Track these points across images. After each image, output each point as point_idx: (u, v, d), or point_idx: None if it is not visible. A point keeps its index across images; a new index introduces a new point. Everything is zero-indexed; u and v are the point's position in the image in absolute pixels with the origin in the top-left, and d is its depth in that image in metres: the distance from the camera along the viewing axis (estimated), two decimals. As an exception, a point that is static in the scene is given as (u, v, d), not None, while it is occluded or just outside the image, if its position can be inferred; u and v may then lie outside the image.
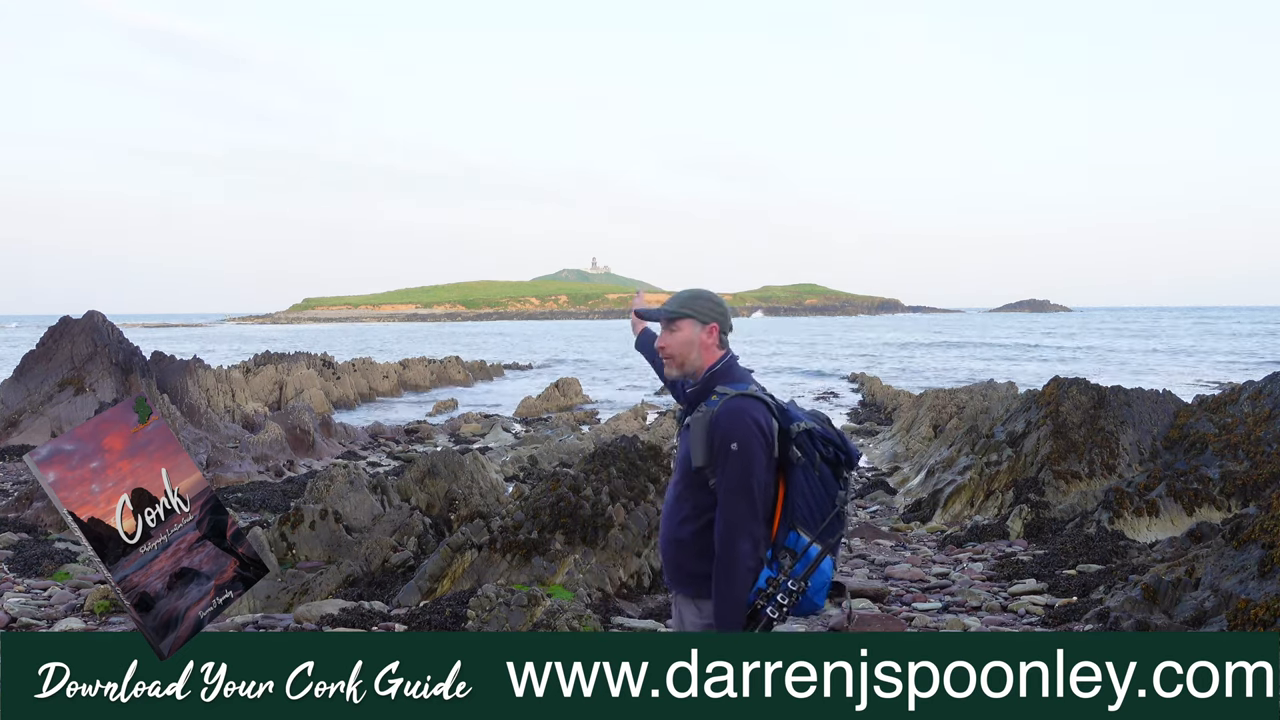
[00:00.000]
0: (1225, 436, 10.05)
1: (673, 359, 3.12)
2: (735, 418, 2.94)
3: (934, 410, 16.82)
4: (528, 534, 7.36)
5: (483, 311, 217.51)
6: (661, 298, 3.49)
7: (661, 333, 3.15)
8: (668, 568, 3.16)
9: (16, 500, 11.79)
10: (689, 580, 3.08)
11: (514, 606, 6.25)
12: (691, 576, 3.07)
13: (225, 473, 14.48)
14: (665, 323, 3.14)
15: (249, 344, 75.62)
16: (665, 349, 3.12)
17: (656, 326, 3.45)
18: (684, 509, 3.07)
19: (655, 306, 3.25)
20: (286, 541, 8.31)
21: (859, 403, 28.57)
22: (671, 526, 3.11)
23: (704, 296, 3.16)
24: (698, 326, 3.10)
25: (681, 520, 3.07)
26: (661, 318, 3.14)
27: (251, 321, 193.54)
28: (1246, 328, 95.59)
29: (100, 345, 18.74)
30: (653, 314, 3.21)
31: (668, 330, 3.13)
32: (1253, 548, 5.59)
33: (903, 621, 6.61)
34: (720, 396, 3.00)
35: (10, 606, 7.56)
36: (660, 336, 3.15)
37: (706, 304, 3.13)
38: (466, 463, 10.21)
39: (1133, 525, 9.08)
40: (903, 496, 12.65)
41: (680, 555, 3.09)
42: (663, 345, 3.13)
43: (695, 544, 3.05)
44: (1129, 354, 56.65)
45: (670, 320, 3.12)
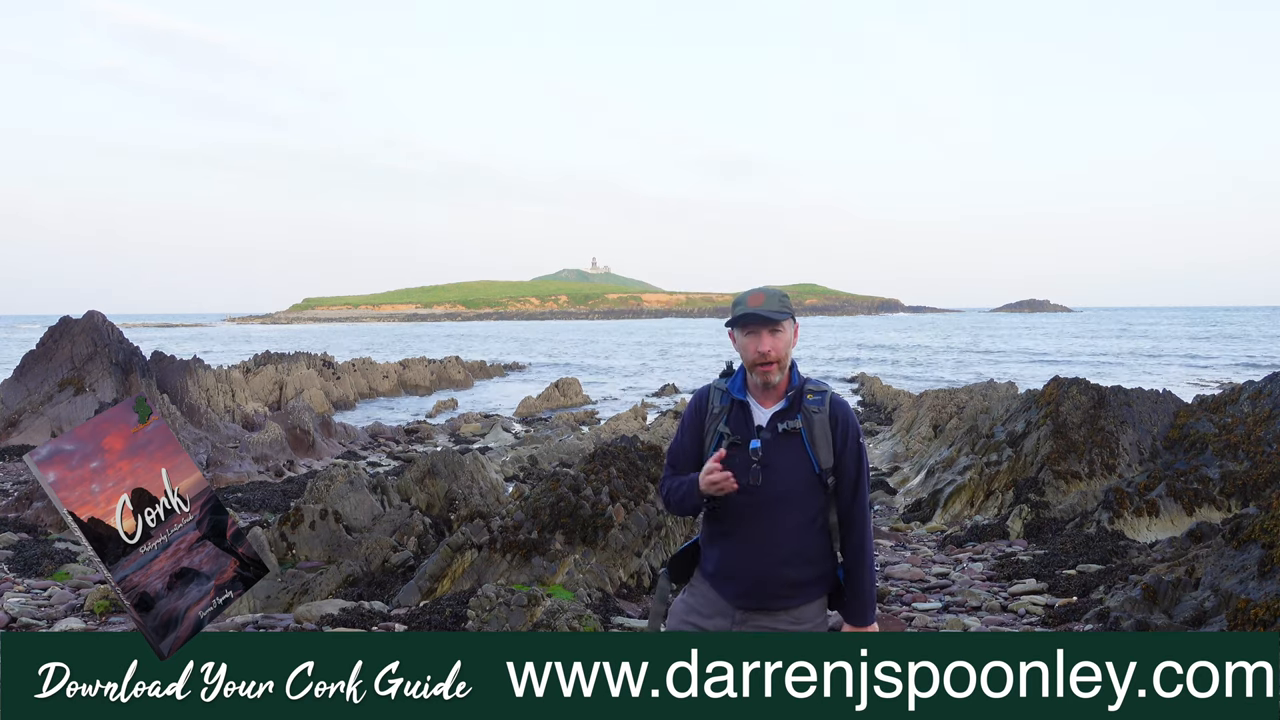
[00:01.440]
0: (1225, 436, 10.05)
1: (779, 363, 2.94)
2: (849, 411, 3.00)
3: (934, 410, 16.82)
4: (528, 534, 7.36)
5: (483, 311, 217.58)
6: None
7: (763, 336, 2.92)
8: (771, 584, 2.95)
9: (16, 500, 11.79)
10: (793, 589, 2.98)
11: (514, 606, 6.25)
12: (798, 584, 2.98)
13: (225, 473, 14.48)
14: (770, 327, 2.92)
15: (249, 344, 75.61)
16: (772, 353, 2.92)
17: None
18: (804, 517, 2.95)
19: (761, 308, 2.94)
20: (286, 541, 8.31)
21: (859, 403, 28.56)
22: (795, 539, 2.94)
23: (786, 295, 3.05)
24: (792, 326, 3.00)
25: (803, 532, 2.95)
26: (767, 322, 2.92)
27: (251, 321, 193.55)
28: (1246, 329, 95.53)
29: (100, 345, 18.74)
30: (768, 316, 2.91)
31: (770, 333, 2.92)
32: (1253, 548, 5.59)
33: (903, 621, 6.61)
34: (819, 394, 2.97)
35: (10, 606, 7.56)
36: (763, 339, 2.92)
37: (790, 303, 3.02)
38: (466, 463, 10.21)
39: (1133, 525, 9.08)
40: (903, 496, 12.64)
41: (798, 570, 2.96)
42: (769, 349, 2.92)
43: (814, 551, 2.99)
44: (1129, 354, 56.64)
45: (775, 322, 2.93)
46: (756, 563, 2.94)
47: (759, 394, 3.01)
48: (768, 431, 2.95)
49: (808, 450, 2.93)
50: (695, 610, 3.05)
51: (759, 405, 3.00)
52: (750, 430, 2.96)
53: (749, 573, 2.95)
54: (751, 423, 2.97)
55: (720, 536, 2.99)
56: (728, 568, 2.98)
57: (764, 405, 3.00)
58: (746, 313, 2.93)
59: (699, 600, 3.05)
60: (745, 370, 3.03)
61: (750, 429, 2.97)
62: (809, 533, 2.96)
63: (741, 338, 2.98)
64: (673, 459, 3.13)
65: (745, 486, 2.91)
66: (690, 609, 3.06)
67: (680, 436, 3.11)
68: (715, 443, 2.99)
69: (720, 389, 3.05)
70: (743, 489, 2.90)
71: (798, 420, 2.93)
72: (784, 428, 2.93)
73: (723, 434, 2.97)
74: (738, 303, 2.99)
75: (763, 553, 2.94)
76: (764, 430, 2.95)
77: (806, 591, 3.00)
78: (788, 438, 2.93)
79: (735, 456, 2.93)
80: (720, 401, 3.03)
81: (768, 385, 2.97)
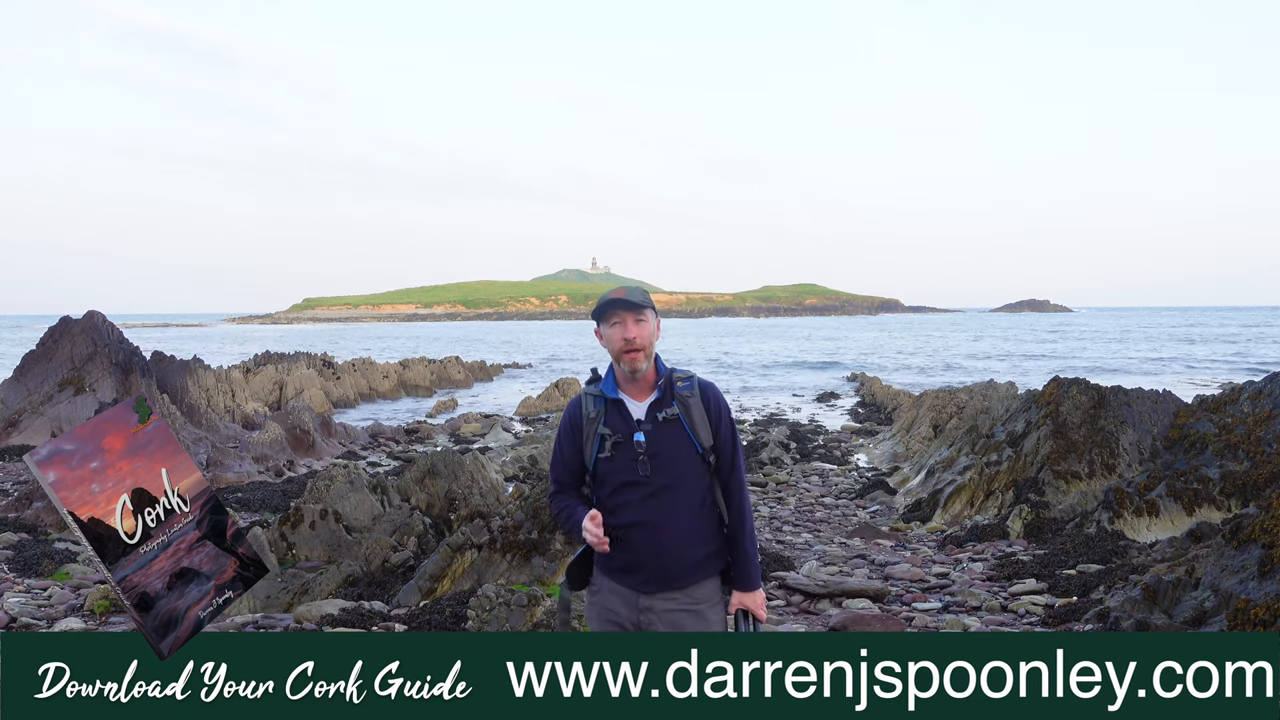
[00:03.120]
0: (1225, 436, 10.05)
1: (643, 350, 3.06)
2: (718, 390, 3.16)
3: (934, 410, 16.82)
4: (528, 534, 7.36)
5: (483, 311, 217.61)
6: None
7: (629, 325, 3.05)
8: (674, 568, 3.05)
9: (16, 500, 11.79)
10: (692, 570, 3.07)
11: (514, 606, 6.25)
12: (696, 565, 3.07)
13: (225, 473, 14.48)
14: (634, 314, 3.06)
15: (249, 344, 75.62)
16: (637, 339, 3.04)
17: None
18: (694, 498, 3.05)
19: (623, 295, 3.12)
20: (286, 541, 8.31)
21: (859, 403, 28.55)
22: (689, 522, 3.05)
23: (646, 291, 3.20)
24: (655, 318, 3.13)
25: (694, 513, 3.05)
26: (632, 307, 3.06)
27: (251, 321, 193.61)
28: (1244, 329, 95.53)
29: (100, 345, 18.74)
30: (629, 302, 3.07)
31: (636, 322, 3.05)
32: (1253, 548, 5.59)
33: (902, 621, 6.61)
34: (687, 380, 3.11)
35: (10, 606, 7.56)
36: (628, 328, 3.05)
37: (651, 298, 3.17)
38: (466, 463, 10.21)
39: (1133, 525, 9.09)
40: (903, 496, 12.64)
41: (696, 547, 3.06)
42: (634, 335, 3.04)
43: (707, 530, 3.09)
44: (1129, 354, 56.64)
45: (639, 309, 3.07)
46: (657, 551, 3.03)
47: (630, 389, 3.11)
48: (648, 423, 3.05)
49: (689, 433, 3.05)
50: (606, 608, 3.12)
51: (633, 400, 3.10)
52: (630, 425, 3.06)
53: (650, 561, 3.03)
54: (630, 418, 3.08)
55: (617, 530, 3.05)
56: (629, 562, 3.06)
57: (637, 399, 3.10)
58: (610, 300, 3.07)
59: (606, 597, 3.12)
60: (613, 368, 3.14)
61: (630, 424, 3.07)
62: (700, 513, 3.06)
63: (607, 329, 3.09)
64: (556, 474, 3.20)
65: (635, 479, 3.02)
66: (603, 609, 3.13)
67: (558, 449, 3.18)
68: (597, 444, 3.07)
69: (592, 394, 3.14)
70: (633, 482, 3.02)
71: (674, 407, 3.06)
72: (664, 416, 3.05)
73: (603, 435, 3.06)
74: (601, 299, 3.11)
75: (661, 540, 3.03)
76: (644, 422, 3.06)
77: (703, 568, 3.08)
78: (668, 425, 3.05)
79: (619, 453, 3.03)
80: (595, 405, 3.12)
81: (635, 374, 3.07)
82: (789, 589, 7.51)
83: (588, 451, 3.10)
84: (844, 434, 20.90)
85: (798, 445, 18.21)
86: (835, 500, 12.76)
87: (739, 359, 57.49)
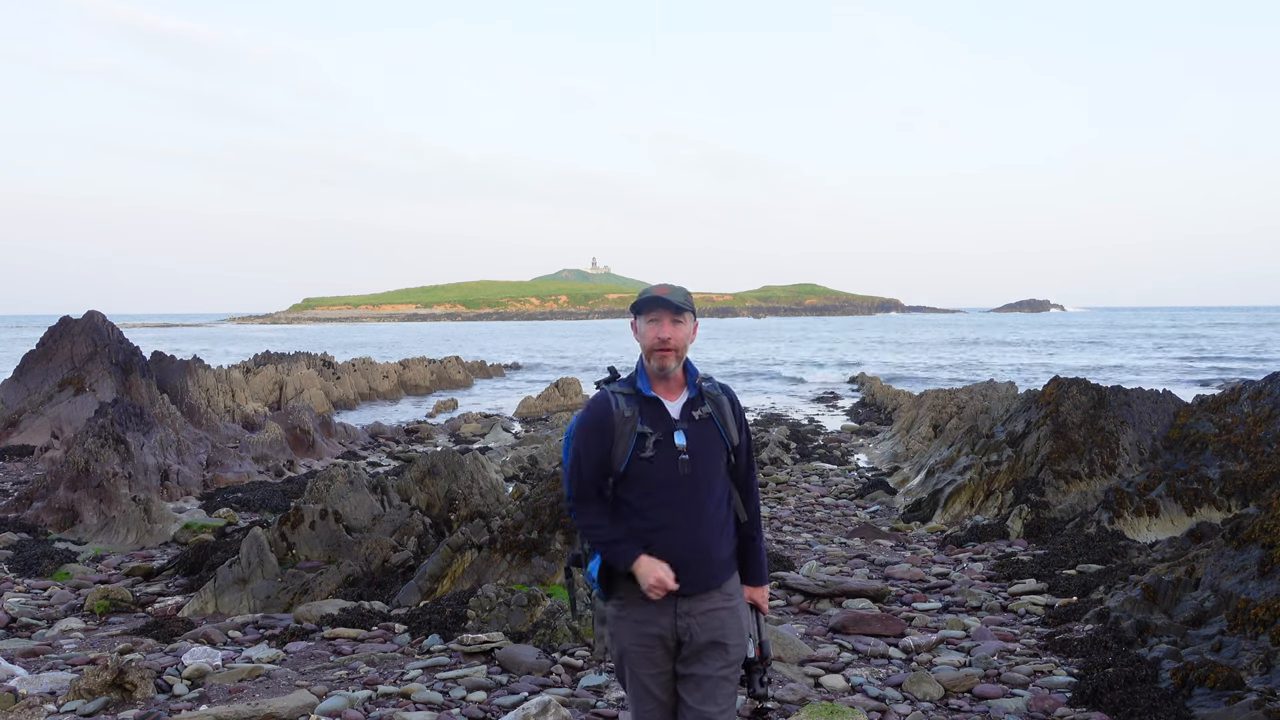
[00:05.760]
0: (1225, 436, 10.04)
1: (677, 351, 3.03)
2: (733, 391, 3.20)
3: (934, 410, 16.82)
4: (528, 534, 7.36)
5: (483, 311, 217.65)
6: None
7: (665, 325, 3.01)
8: (713, 566, 2.99)
9: (16, 500, 11.79)
10: (725, 567, 3.07)
11: (514, 606, 6.25)
12: (726, 561, 3.08)
13: (225, 473, 14.48)
14: (672, 314, 3.03)
15: (249, 344, 75.63)
16: (672, 340, 3.01)
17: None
18: (720, 496, 3.06)
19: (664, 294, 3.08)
20: (286, 541, 8.31)
21: (859, 403, 28.55)
22: (719, 519, 3.04)
23: (690, 294, 3.19)
24: (693, 322, 3.12)
25: (720, 510, 3.06)
26: (671, 308, 3.02)
27: (251, 321, 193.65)
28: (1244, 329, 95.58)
29: (100, 345, 18.74)
30: (669, 303, 3.02)
31: (673, 323, 3.02)
32: (1253, 548, 5.59)
33: (902, 622, 6.61)
34: (710, 380, 3.14)
35: (10, 606, 7.56)
36: (664, 327, 3.00)
37: (694, 302, 3.15)
38: (466, 463, 10.20)
39: (1133, 525, 9.08)
40: (903, 496, 12.64)
41: (725, 545, 3.06)
42: (669, 336, 3.01)
43: (730, 526, 3.11)
44: (1129, 354, 56.64)
45: (679, 311, 3.03)
46: (695, 551, 2.97)
47: (659, 387, 3.08)
48: (685, 421, 3.03)
49: (720, 432, 3.06)
50: (642, 620, 2.99)
51: (665, 399, 3.07)
52: (670, 423, 3.02)
53: (691, 562, 2.97)
54: (669, 416, 3.04)
55: (648, 534, 2.97)
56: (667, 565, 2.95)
57: (668, 399, 3.07)
58: (652, 297, 3.04)
59: (638, 609, 2.99)
60: (644, 366, 3.09)
61: (669, 422, 3.02)
62: (723, 510, 3.07)
63: (644, 325, 3.05)
64: (577, 484, 3.05)
65: (673, 479, 2.97)
66: (637, 622, 2.99)
67: (580, 454, 3.04)
68: (634, 443, 2.98)
69: (623, 392, 3.05)
70: (669, 482, 2.97)
71: (707, 406, 3.06)
72: (699, 414, 3.04)
73: (643, 433, 2.99)
74: (643, 292, 3.08)
75: (698, 539, 2.98)
76: (681, 421, 3.04)
77: (730, 565, 3.09)
78: (703, 423, 3.04)
79: (660, 452, 2.97)
80: (628, 404, 3.03)
81: (664, 373, 3.04)
82: (789, 589, 7.51)
83: (619, 452, 2.99)
84: (844, 434, 20.90)
85: (798, 445, 18.22)
86: (835, 500, 12.75)
87: (739, 359, 57.48)
